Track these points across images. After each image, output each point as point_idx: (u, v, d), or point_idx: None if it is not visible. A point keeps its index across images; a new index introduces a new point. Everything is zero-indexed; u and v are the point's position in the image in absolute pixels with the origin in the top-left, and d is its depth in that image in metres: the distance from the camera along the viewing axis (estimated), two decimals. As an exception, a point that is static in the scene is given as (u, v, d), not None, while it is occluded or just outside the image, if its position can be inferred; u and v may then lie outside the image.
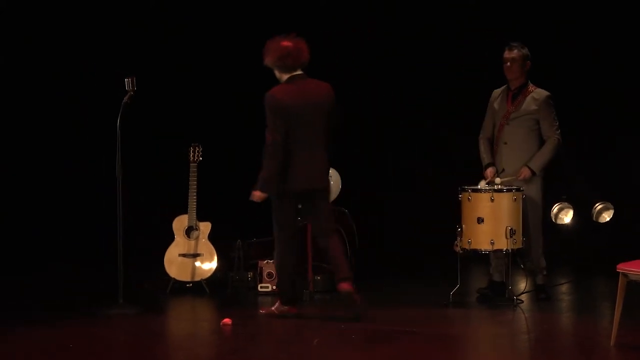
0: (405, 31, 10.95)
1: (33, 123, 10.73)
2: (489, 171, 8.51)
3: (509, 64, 8.47)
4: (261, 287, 8.92)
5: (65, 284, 9.46)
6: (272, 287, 8.85)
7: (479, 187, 8.36)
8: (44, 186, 10.79)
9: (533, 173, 8.40)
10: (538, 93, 8.48)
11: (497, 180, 8.36)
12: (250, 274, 9.18)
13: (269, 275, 8.89)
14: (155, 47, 10.77)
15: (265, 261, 8.92)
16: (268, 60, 7.89)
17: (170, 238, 8.94)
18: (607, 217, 9.92)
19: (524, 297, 8.45)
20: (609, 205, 9.92)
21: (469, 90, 10.35)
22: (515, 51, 8.46)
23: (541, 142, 8.49)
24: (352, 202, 9.35)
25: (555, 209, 10.01)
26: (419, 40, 10.90)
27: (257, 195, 7.80)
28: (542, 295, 8.55)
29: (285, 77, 7.92)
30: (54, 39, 10.66)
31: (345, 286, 7.79)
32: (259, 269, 8.96)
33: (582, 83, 10.23)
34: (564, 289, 9.17)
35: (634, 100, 10.20)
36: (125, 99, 8.19)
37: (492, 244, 8.18)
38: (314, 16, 10.94)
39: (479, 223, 8.21)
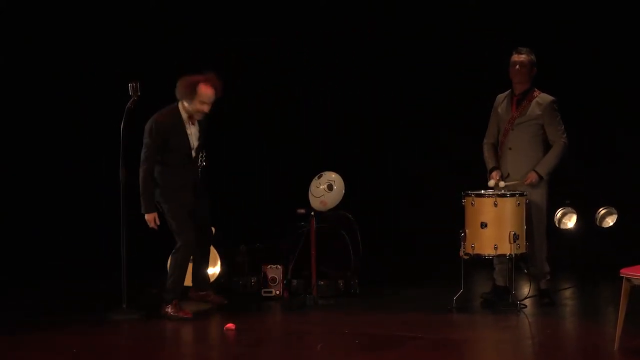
0: (405, 31, 10.96)
1: (36, 127, 10.73)
2: (494, 174, 8.51)
3: (518, 67, 8.46)
4: (264, 292, 8.92)
5: (69, 288, 9.46)
6: (275, 292, 8.85)
7: (488, 185, 8.37)
8: (47, 191, 10.78)
9: (540, 177, 8.39)
10: (542, 98, 8.49)
11: (502, 184, 8.37)
12: (254, 279, 9.19)
13: (273, 280, 8.89)
14: (158, 50, 10.77)
15: (269, 266, 8.92)
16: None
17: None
18: (610, 221, 9.93)
19: (527, 301, 8.45)
20: (613, 210, 9.94)
21: (470, 91, 10.36)
22: (524, 55, 8.46)
23: (545, 147, 8.49)
24: (354, 207, 9.34)
25: (558, 213, 10.04)
26: (419, 40, 10.90)
27: None
28: (546, 300, 8.54)
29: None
30: (55, 42, 10.66)
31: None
32: (262, 273, 8.96)
33: (582, 83, 10.22)
34: (567, 293, 9.16)
35: (635, 101, 10.20)
36: (129, 104, 8.20)
37: (496, 248, 8.18)
38: (314, 16, 10.95)
39: (482, 228, 8.21)
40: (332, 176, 8.79)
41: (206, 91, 8.19)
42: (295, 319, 8.30)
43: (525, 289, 8.64)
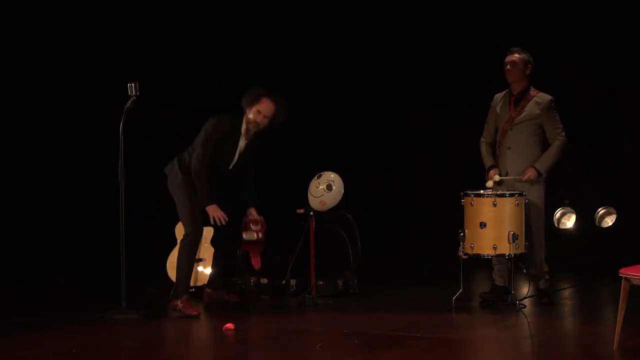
0: (405, 31, 10.97)
1: (35, 127, 10.72)
2: (492, 172, 8.52)
3: (509, 67, 8.48)
4: (246, 235, 8.71)
5: (67, 289, 9.46)
6: (257, 235, 8.68)
7: (486, 185, 8.39)
8: (47, 191, 10.78)
9: (539, 174, 8.40)
10: (541, 97, 8.50)
11: (496, 178, 8.38)
12: (253, 279, 9.19)
13: (255, 222, 8.72)
14: (158, 50, 10.77)
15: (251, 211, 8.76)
16: None
17: (173, 243, 8.94)
18: (609, 221, 9.94)
19: (526, 301, 8.45)
20: (612, 210, 9.94)
21: (469, 91, 10.36)
22: (516, 55, 8.48)
23: (544, 147, 8.50)
24: (353, 207, 9.34)
25: (558, 213, 10.06)
26: (418, 40, 10.91)
27: None
28: (545, 299, 8.55)
29: None
30: (55, 42, 10.66)
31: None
32: (243, 224, 8.72)
33: (582, 83, 10.23)
34: (566, 293, 9.17)
35: (635, 101, 10.20)
36: (128, 104, 8.20)
37: (495, 248, 8.19)
38: (314, 15, 10.95)
39: (481, 228, 8.21)
40: (331, 176, 8.78)
41: (266, 103, 8.36)
42: (295, 318, 8.30)
43: (525, 289, 8.65)
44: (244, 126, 8.41)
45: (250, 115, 8.36)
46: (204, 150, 8.30)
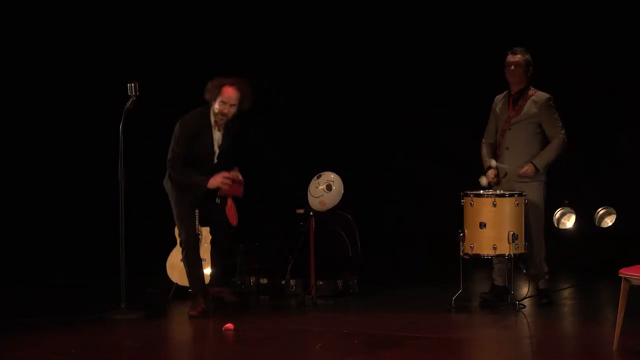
0: (405, 31, 10.97)
1: (35, 127, 10.72)
2: (490, 172, 8.52)
3: (513, 67, 8.47)
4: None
5: (67, 289, 9.46)
6: (238, 176, 8.46)
7: (481, 184, 8.40)
8: (46, 191, 10.79)
9: (537, 170, 8.39)
10: (538, 96, 8.49)
11: (483, 181, 8.38)
12: (252, 279, 9.19)
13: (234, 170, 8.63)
14: (158, 50, 10.77)
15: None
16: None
17: (173, 243, 8.94)
18: (609, 221, 9.94)
19: (526, 301, 8.45)
20: (612, 210, 9.95)
21: (470, 91, 10.36)
22: (519, 56, 8.47)
23: (543, 146, 8.49)
24: (353, 207, 9.35)
25: (557, 213, 10.06)
26: (418, 40, 10.91)
27: None
28: (545, 299, 8.55)
29: None
30: (55, 42, 10.66)
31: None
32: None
33: (582, 83, 10.23)
34: (566, 293, 9.17)
35: (635, 100, 10.20)
36: (128, 104, 8.20)
37: (495, 249, 8.19)
38: (314, 15, 10.95)
39: (481, 228, 8.21)
40: (331, 176, 8.78)
41: (228, 92, 8.21)
42: (295, 318, 8.31)
43: (524, 289, 8.65)
44: (212, 119, 8.27)
45: (216, 108, 8.21)
46: (173, 154, 8.21)
